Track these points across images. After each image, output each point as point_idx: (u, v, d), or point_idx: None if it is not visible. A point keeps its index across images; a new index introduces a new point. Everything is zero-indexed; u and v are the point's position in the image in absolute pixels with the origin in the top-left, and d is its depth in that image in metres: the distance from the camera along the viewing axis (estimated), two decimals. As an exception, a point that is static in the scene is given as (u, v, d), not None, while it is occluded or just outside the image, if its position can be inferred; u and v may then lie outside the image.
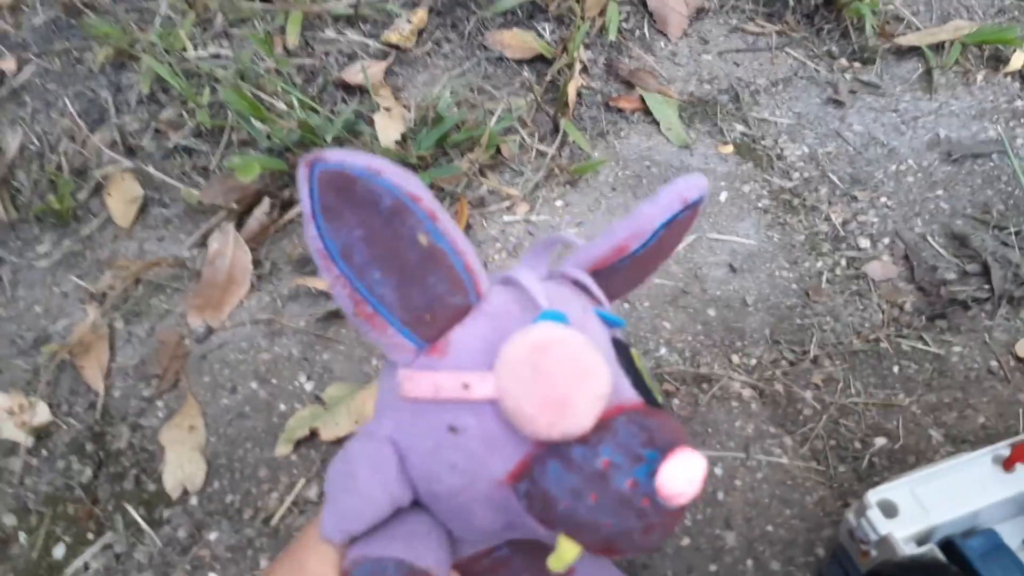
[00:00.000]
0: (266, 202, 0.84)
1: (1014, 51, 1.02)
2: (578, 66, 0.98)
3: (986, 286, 0.78)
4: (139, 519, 0.67)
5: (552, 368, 0.31)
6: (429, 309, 0.34)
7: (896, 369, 0.73)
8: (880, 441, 0.68)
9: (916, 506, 0.52)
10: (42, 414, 0.72)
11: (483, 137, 0.88)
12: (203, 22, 1.02)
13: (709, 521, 0.64)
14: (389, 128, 0.90)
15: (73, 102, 0.95)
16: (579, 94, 0.98)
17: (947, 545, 0.51)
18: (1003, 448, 0.55)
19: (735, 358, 0.74)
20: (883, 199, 0.87)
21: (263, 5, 1.03)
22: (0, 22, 1.04)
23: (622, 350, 0.36)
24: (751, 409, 0.71)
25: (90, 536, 0.67)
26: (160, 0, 1.05)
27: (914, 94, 0.99)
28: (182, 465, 0.70)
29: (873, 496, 0.52)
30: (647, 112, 0.97)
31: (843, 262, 0.82)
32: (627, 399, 0.34)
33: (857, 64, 1.03)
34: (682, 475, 0.30)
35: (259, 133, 0.87)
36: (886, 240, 0.84)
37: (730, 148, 0.93)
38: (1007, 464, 0.54)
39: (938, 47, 1.04)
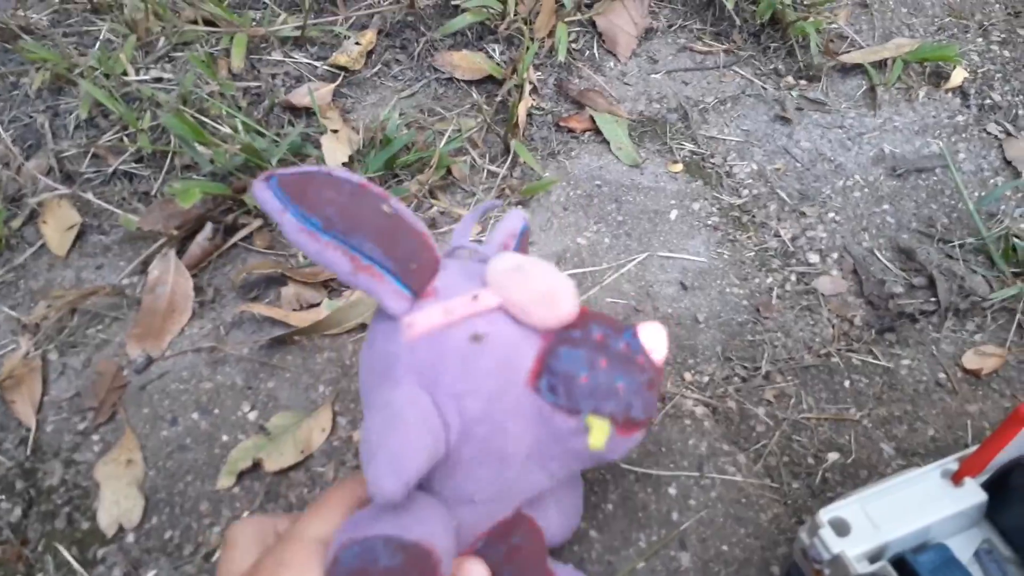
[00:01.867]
0: (208, 227, 0.82)
1: (954, 68, 1.04)
2: (528, 87, 0.98)
3: (932, 299, 0.79)
4: (71, 559, 0.64)
5: (535, 272, 0.39)
6: (414, 259, 0.39)
7: (847, 383, 0.73)
8: (833, 456, 0.68)
9: (867, 523, 0.51)
10: (-31, 452, 0.69)
11: (433, 158, 0.88)
12: (145, 45, 1.00)
13: (664, 543, 0.63)
14: (337, 150, 0.88)
15: (7, 127, 0.92)
16: (529, 114, 0.98)
17: (899, 562, 0.51)
18: (951, 463, 0.55)
19: (687, 375, 0.74)
20: (831, 214, 0.88)
21: (207, 28, 1.01)
22: (-67, 47, 1.01)
23: None
24: (704, 427, 0.70)
25: (19, 580, 0.63)
26: (100, 24, 1.02)
27: (859, 110, 1.01)
28: (118, 501, 0.67)
29: (825, 514, 0.52)
30: (597, 132, 0.97)
31: (793, 277, 0.82)
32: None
33: (803, 82, 1.05)
34: (656, 334, 0.41)
35: (202, 157, 0.85)
36: (835, 255, 0.84)
37: (680, 166, 0.93)
38: (956, 478, 0.54)
39: (881, 64, 1.06)
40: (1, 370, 0.73)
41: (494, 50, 1.04)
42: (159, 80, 0.96)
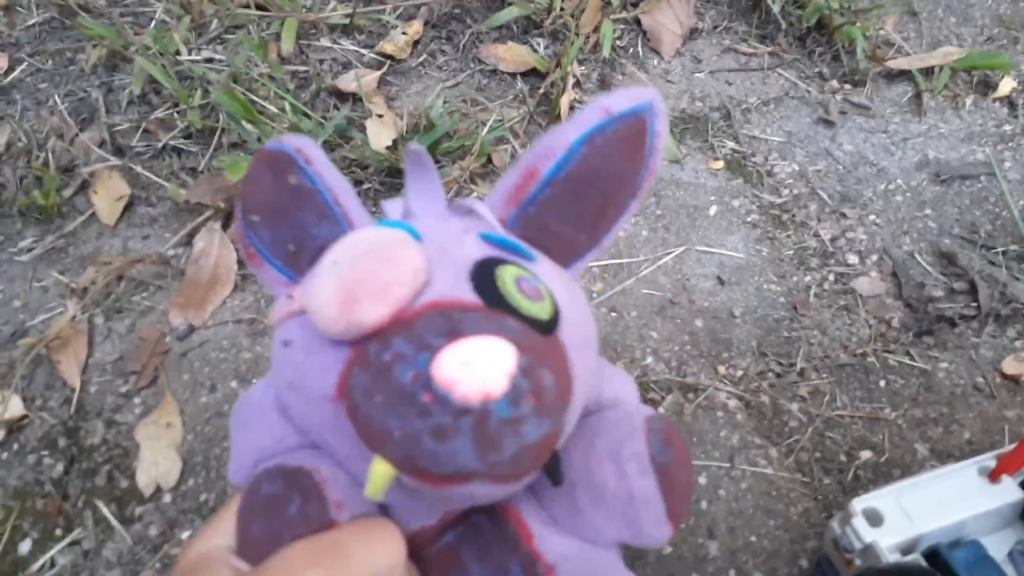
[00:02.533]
0: (254, 203, 0.84)
1: (1002, 77, 1.03)
2: (571, 80, 0.99)
3: (973, 304, 0.78)
4: (109, 516, 0.65)
5: (346, 263, 0.29)
6: (295, 241, 0.36)
7: (883, 383, 0.73)
8: (866, 454, 0.68)
9: (901, 515, 0.51)
10: (15, 408, 0.71)
11: (475, 146, 0.88)
12: (198, 27, 1.02)
13: (692, 530, 0.63)
14: (381, 134, 0.90)
15: (63, 101, 0.94)
16: (571, 107, 0.99)
17: (932, 555, 0.51)
18: (989, 459, 0.54)
19: (721, 369, 0.74)
20: (872, 217, 0.87)
21: (258, 12, 1.03)
22: (-5, 22, 1.04)
23: (488, 268, 0.31)
24: (736, 420, 0.70)
25: (58, 532, 0.65)
26: (156, 4, 1.05)
27: (904, 116, 1.00)
28: (157, 462, 0.68)
29: (858, 504, 0.51)
30: (638, 127, 0.97)
31: (831, 277, 0.81)
32: (449, 298, 0.29)
33: (848, 86, 1.04)
34: (461, 358, 0.25)
35: (249, 135, 0.86)
36: (874, 257, 0.83)
37: (721, 164, 0.93)
38: (993, 475, 0.53)
39: (928, 71, 1.05)
40: (49, 331, 0.75)
41: (539, 44, 1.05)
42: (210, 60, 0.98)
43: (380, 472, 0.27)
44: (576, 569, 0.32)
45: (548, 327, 0.30)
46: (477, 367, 0.25)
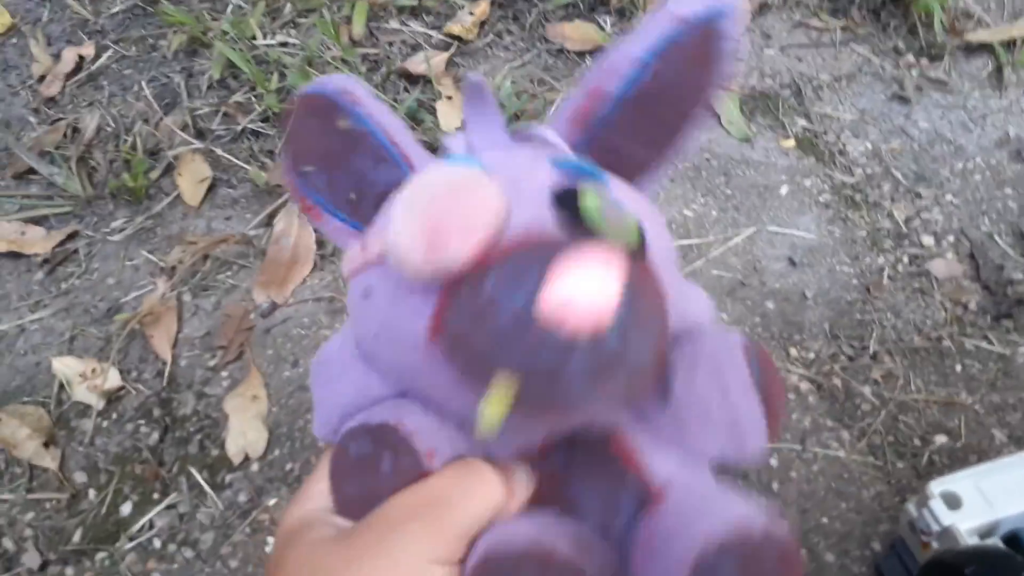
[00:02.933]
0: (330, 184, 0.86)
1: (1090, 50, 0.99)
2: (639, 59, 0.98)
3: (1056, 287, 0.76)
4: (202, 482, 0.69)
5: (423, 204, 0.28)
6: (355, 188, 0.34)
7: (959, 368, 0.72)
8: (940, 439, 0.67)
9: (980, 499, 0.51)
10: (113, 379, 0.75)
11: (543, 126, 0.89)
12: (272, 11, 1.05)
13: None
14: (451, 116, 0.91)
15: (148, 86, 0.98)
16: (639, 86, 0.98)
17: (1012, 540, 0.51)
18: (1072, 445, 0.54)
19: (793, 351, 0.74)
20: (948, 197, 0.86)
21: (331, -5, 1.05)
22: (80, 10, 1.08)
23: (568, 196, 0.30)
24: (808, 402, 0.70)
25: (156, 496, 0.69)
26: (232, -11, 1.08)
27: (983, 92, 0.97)
28: (244, 432, 0.72)
29: (936, 487, 0.52)
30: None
31: (905, 259, 0.80)
32: (536, 230, 0.28)
33: (924, 61, 1.02)
34: (563, 291, 0.24)
35: (325, 118, 0.89)
36: (951, 238, 0.82)
37: (792, 142, 0.92)
38: (1076, 461, 0.53)
39: (1009, 44, 1.01)
40: (142, 308, 0.79)
41: (605, 22, 1.05)
42: (284, 44, 1.00)
43: (492, 410, 0.26)
44: (682, 491, 0.31)
45: (638, 251, 0.29)
46: (581, 299, 0.24)
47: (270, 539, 0.66)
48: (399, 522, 0.27)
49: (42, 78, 1.01)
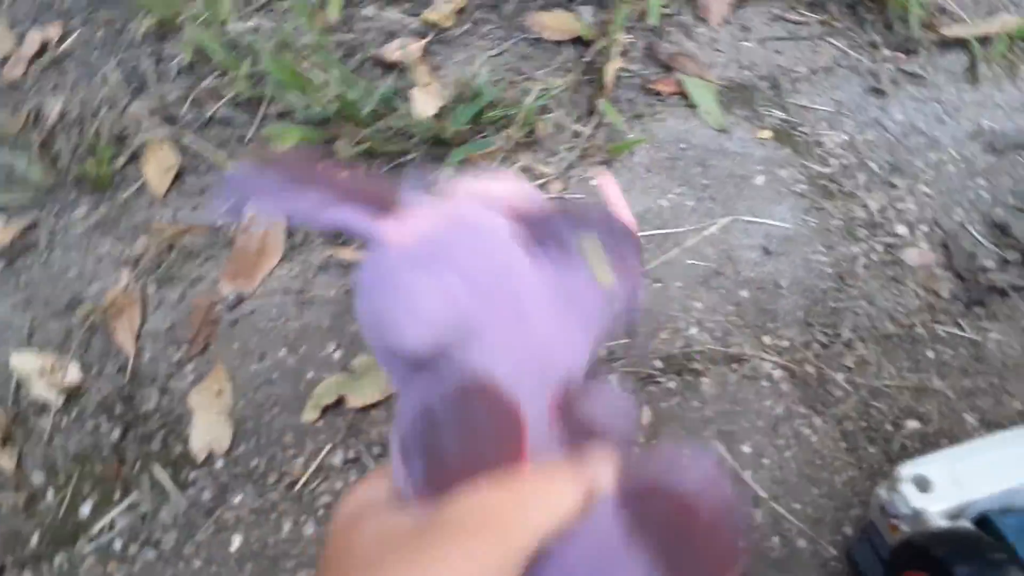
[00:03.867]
0: (300, 173, 0.85)
1: (1063, 44, 0.99)
2: (618, 48, 0.98)
3: (1027, 276, 0.76)
4: (165, 480, 0.68)
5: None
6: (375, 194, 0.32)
7: (931, 354, 0.72)
8: (912, 424, 0.67)
9: (950, 481, 0.51)
10: (73, 375, 0.73)
11: (519, 115, 0.88)
12: (244, -3, 1.03)
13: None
14: (426, 103, 0.90)
15: (115, 70, 0.96)
16: (617, 76, 0.98)
17: (982, 522, 0.50)
18: (1043, 429, 0.54)
19: (767, 339, 0.73)
20: (922, 187, 0.86)
21: (304, -19, 1.04)
22: (46, -6, 1.06)
23: None
24: (781, 389, 0.70)
25: (116, 495, 0.68)
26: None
27: (958, 85, 0.98)
28: (209, 428, 0.70)
29: (906, 470, 0.51)
30: (684, 96, 0.96)
31: (879, 248, 0.80)
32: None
33: (900, 55, 1.02)
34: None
35: (297, 104, 0.87)
36: (924, 227, 0.82)
37: (768, 133, 0.92)
38: (1047, 445, 0.53)
39: (984, 40, 1.02)
40: (104, 300, 0.77)
41: (585, 12, 1.04)
42: (257, 29, 0.98)
43: (599, 269, 0.30)
44: None
45: None
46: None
47: (235, 538, 0.65)
48: (470, 531, 0.25)
49: (5, 60, 0.99)
